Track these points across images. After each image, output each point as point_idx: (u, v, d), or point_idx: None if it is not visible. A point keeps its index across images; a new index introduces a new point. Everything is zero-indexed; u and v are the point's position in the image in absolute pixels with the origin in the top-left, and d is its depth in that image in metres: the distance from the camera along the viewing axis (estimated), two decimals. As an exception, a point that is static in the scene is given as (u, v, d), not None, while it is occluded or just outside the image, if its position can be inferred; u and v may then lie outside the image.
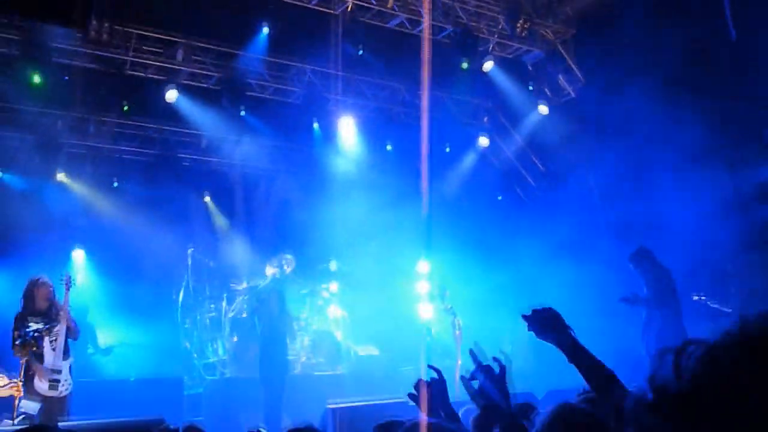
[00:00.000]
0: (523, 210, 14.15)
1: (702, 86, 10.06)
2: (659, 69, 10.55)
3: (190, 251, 12.29)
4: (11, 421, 7.38)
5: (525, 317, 2.95)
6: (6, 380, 7.04)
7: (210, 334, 11.87)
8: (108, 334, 11.63)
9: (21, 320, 7.65)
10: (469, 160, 14.45)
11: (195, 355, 11.76)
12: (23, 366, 7.48)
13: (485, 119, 14.65)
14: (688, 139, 9.85)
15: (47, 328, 7.63)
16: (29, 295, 7.72)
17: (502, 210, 14.32)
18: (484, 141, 14.37)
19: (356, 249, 12.81)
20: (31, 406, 7.30)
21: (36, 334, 7.55)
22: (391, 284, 12.67)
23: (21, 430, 2.54)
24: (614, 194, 11.95)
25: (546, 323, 2.87)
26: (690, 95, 9.99)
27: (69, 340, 7.76)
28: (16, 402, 7.53)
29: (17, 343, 7.40)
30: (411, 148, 13.38)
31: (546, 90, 13.46)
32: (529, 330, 2.95)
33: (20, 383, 7.29)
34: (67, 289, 7.75)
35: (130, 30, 11.16)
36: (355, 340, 12.29)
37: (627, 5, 10.98)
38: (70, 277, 7.81)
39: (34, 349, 7.43)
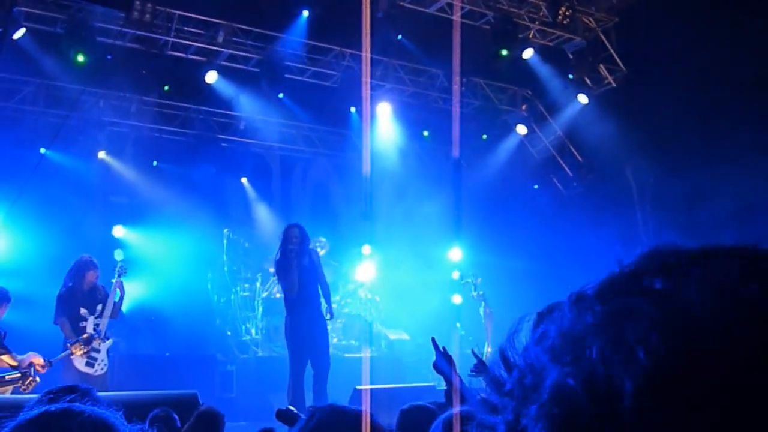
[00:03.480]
0: (560, 200, 14.03)
1: (757, 78, 9.69)
2: (706, 59, 10.26)
3: (225, 232, 12.50)
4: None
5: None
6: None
7: (243, 314, 12.05)
8: (140, 308, 11.78)
9: (69, 305, 7.80)
10: (506, 148, 14.36)
11: (228, 333, 11.98)
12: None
13: (524, 107, 14.51)
14: (737, 134, 9.60)
15: (92, 311, 7.87)
16: (77, 276, 7.92)
17: (538, 199, 14.21)
18: (521, 129, 14.26)
19: (390, 234, 12.87)
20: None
21: (83, 324, 7.78)
22: (424, 270, 12.73)
23: (62, 388, 2.58)
24: (655, 191, 11.75)
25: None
26: (740, 87, 9.71)
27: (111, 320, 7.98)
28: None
29: (78, 342, 7.50)
30: (448, 135, 13.32)
31: (586, 79, 13.23)
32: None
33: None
34: (119, 276, 7.99)
35: (173, 11, 11.27)
36: (386, 324, 12.41)
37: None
38: (123, 266, 8.08)
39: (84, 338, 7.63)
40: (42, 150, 11.32)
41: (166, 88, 12.30)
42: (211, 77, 11.87)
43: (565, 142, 14.24)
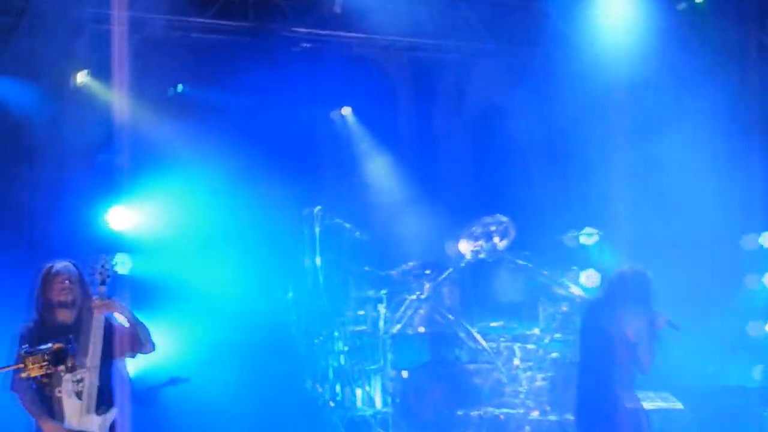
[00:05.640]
0: None
1: None
2: None
3: (317, 211, 12.35)
4: None
5: None
6: None
7: (357, 366, 12.06)
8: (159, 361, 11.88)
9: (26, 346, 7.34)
10: None
11: (331, 404, 12.07)
12: None
13: None
14: None
15: (64, 355, 7.16)
16: (39, 299, 7.63)
17: None
18: None
19: (633, 206, 12.94)
20: None
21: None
22: (705, 273, 12.91)
23: None
24: None
25: None
26: None
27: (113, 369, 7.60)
28: None
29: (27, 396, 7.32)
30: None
31: None
32: None
33: None
34: (102, 284, 7.60)
35: None
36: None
37: None
38: (105, 265, 7.72)
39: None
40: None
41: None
42: None
43: None
